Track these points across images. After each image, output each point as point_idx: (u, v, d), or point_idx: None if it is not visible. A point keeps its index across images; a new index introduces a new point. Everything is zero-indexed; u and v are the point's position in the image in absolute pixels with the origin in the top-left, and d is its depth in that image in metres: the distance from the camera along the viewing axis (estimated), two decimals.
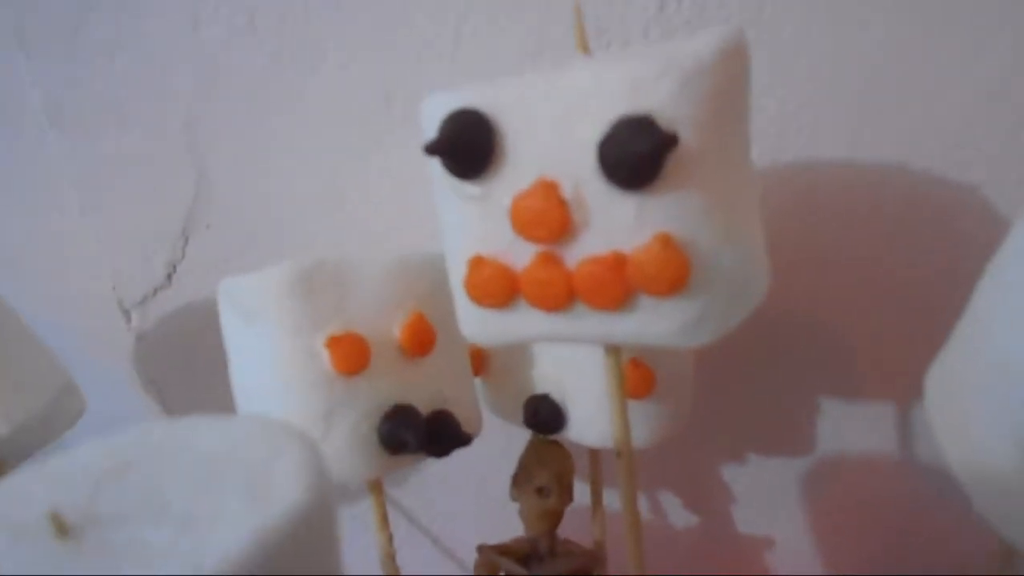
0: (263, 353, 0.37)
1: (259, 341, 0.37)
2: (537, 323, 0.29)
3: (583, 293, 0.27)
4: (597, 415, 0.41)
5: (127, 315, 0.63)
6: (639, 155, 0.25)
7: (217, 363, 0.40)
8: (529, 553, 0.46)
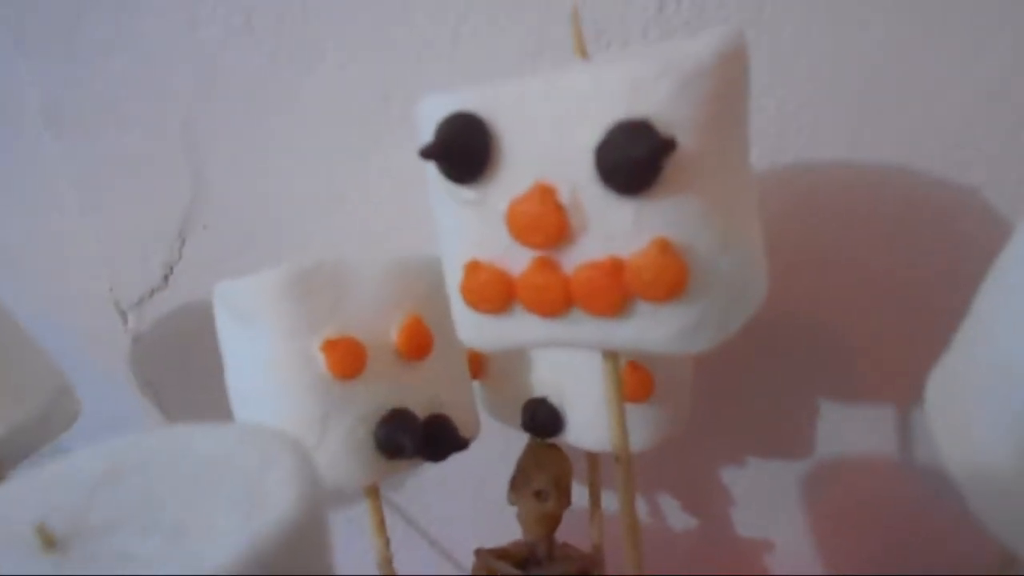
0: (258, 357, 0.37)
1: (254, 345, 0.37)
2: (534, 329, 0.29)
3: (580, 299, 0.27)
4: (595, 419, 0.41)
5: (124, 316, 0.62)
6: (636, 160, 0.24)
7: (214, 365, 0.40)
8: (527, 557, 0.46)
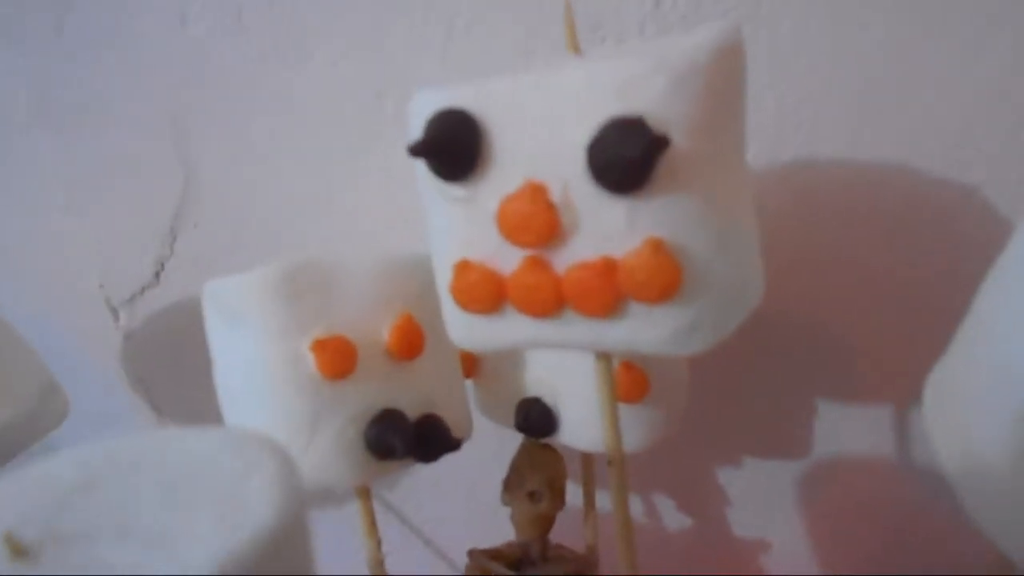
0: (247, 356, 0.36)
1: (243, 344, 0.36)
2: (525, 329, 0.28)
3: (572, 299, 0.27)
4: (589, 419, 0.40)
5: (115, 313, 0.62)
6: (629, 158, 0.24)
7: (206, 362, 0.40)
8: (521, 558, 0.46)
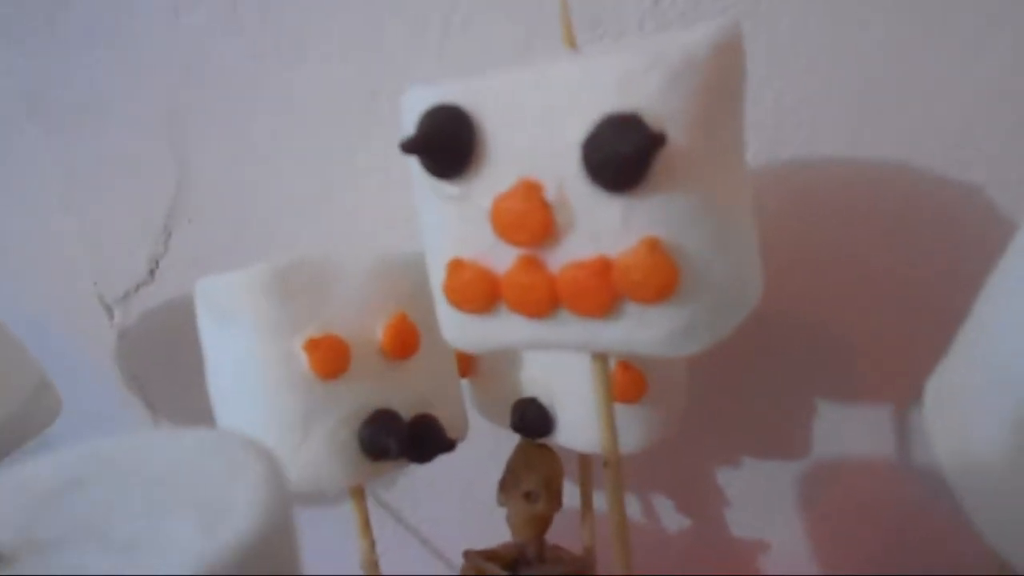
0: (239, 355, 0.36)
1: (235, 343, 0.36)
2: (519, 329, 0.28)
3: (567, 299, 0.26)
4: (586, 420, 0.40)
5: (109, 311, 0.62)
6: (624, 156, 0.23)
7: (200, 360, 0.39)
8: (517, 559, 0.45)
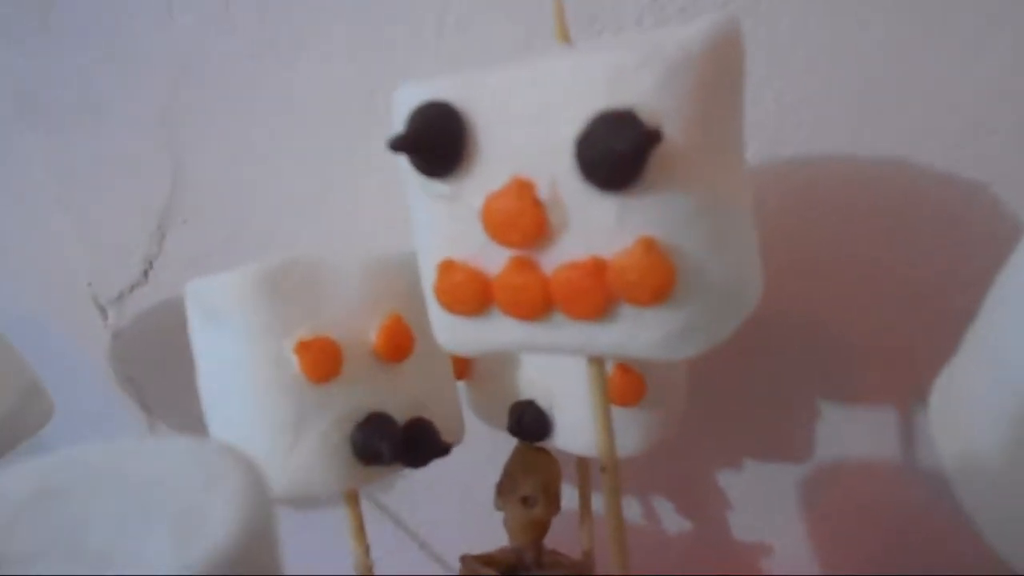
0: (230, 358, 0.35)
1: (226, 345, 0.35)
2: (512, 332, 0.27)
3: (561, 301, 0.26)
4: (584, 423, 0.39)
5: (103, 312, 0.62)
6: (619, 153, 0.23)
7: (194, 361, 0.39)
8: (514, 564, 0.45)
